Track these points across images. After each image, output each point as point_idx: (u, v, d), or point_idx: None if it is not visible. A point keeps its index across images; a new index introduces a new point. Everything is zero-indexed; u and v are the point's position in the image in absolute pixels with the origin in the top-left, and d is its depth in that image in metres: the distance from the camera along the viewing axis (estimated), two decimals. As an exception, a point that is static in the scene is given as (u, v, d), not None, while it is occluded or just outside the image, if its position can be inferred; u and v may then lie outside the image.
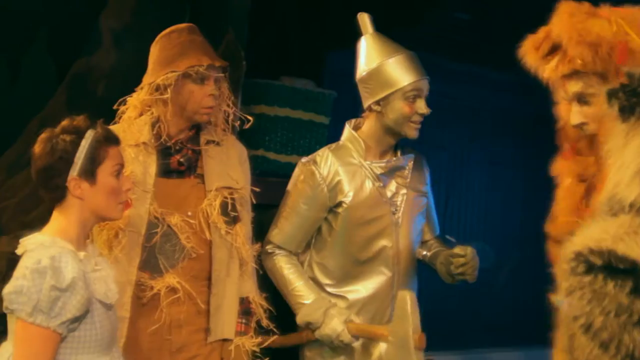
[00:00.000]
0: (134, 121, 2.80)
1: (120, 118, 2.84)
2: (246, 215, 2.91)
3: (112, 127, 2.78)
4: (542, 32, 2.31)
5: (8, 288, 2.02)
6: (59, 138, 2.15)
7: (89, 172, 2.14)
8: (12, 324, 2.06)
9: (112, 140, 2.23)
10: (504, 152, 7.22)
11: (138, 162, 2.71)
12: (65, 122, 2.20)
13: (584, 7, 2.18)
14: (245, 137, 4.81)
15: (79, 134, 2.15)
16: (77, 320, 2.05)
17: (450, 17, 5.92)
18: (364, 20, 2.99)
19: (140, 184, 2.71)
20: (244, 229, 2.85)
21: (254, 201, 3.03)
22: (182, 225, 2.73)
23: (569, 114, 2.30)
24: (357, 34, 3.20)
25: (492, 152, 7.15)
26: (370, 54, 2.96)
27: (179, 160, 2.78)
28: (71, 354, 2.06)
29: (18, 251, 2.13)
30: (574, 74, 2.23)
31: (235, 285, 2.83)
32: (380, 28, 3.06)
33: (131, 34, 5.01)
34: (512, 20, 5.86)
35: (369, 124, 3.11)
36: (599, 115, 2.16)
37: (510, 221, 7.04)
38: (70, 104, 3.04)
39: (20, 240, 2.17)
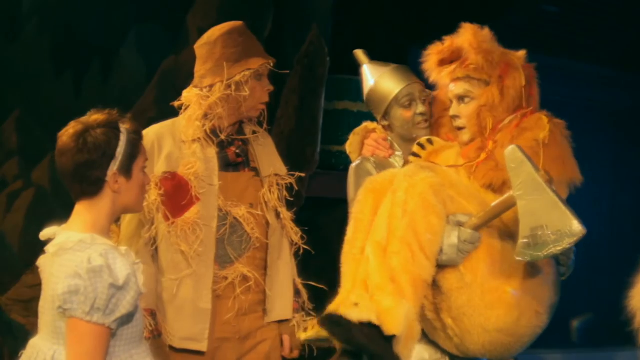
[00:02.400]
0: (179, 118, 2.82)
1: (181, 113, 2.86)
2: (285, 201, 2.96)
3: (159, 125, 2.82)
4: (447, 41, 2.73)
5: (62, 288, 1.98)
6: (96, 131, 2.09)
7: (127, 168, 2.12)
8: (55, 322, 2.05)
9: (142, 135, 2.21)
10: (593, 146, 7.04)
11: (197, 157, 2.75)
12: (97, 116, 2.13)
13: (485, 30, 2.70)
14: (329, 133, 4.85)
15: (116, 128, 2.11)
16: (129, 317, 2.06)
17: (538, 10, 5.82)
18: (359, 55, 3.13)
19: (205, 178, 2.75)
20: (289, 214, 2.91)
21: (336, 196, 3.06)
22: (248, 216, 2.79)
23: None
24: (440, 29, 3.19)
25: (580, 145, 6.98)
26: (366, 79, 3.07)
27: (235, 152, 2.83)
28: (121, 348, 2.08)
29: (51, 249, 2.11)
30: (465, 78, 2.68)
31: (288, 267, 2.89)
32: (467, 21, 3.05)
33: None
34: (599, 12, 5.71)
35: (390, 137, 3.13)
36: (473, 113, 2.66)
37: (597, 218, 6.86)
38: (159, 101, 3.13)
39: (44, 235, 2.15)
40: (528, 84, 2.71)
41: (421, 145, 2.80)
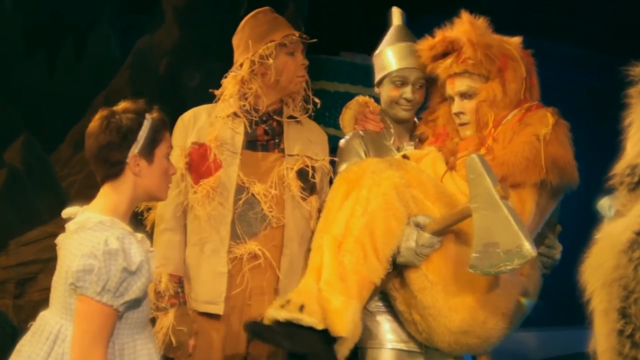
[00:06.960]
0: (221, 101, 2.86)
1: (218, 99, 2.91)
2: (326, 188, 2.94)
3: (200, 107, 2.86)
4: (439, 35, 2.62)
5: (77, 266, 2.03)
6: (121, 116, 2.19)
7: (148, 152, 2.20)
8: (66, 297, 2.11)
9: (167, 124, 2.28)
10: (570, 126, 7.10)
11: (226, 128, 2.81)
12: (126, 104, 2.23)
13: (481, 20, 2.57)
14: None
15: (141, 115, 2.20)
16: (137, 301, 2.12)
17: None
18: (395, 13, 3.10)
19: (228, 145, 2.80)
20: (317, 201, 2.89)
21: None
22: (265, 194, 2.81)
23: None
24: (418, 9, 3.20)
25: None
26: (383, 42, 3.07)
27: (264, 129, 2.86)
28: (125, 331, 2.15)
29: (71, 227, 2.16)
30: (464, 73, 2.58)
31: (304, 248, 2.87)
32: (442, 2, 3.06)
33: (193, 11, 5.08)
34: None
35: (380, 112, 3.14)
36: (474, 109, 2.59)
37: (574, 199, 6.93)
38: (134, 81, 3.11)
39: (66, 213, 2.20)
40: (528, 74, 2.62)
41: None
